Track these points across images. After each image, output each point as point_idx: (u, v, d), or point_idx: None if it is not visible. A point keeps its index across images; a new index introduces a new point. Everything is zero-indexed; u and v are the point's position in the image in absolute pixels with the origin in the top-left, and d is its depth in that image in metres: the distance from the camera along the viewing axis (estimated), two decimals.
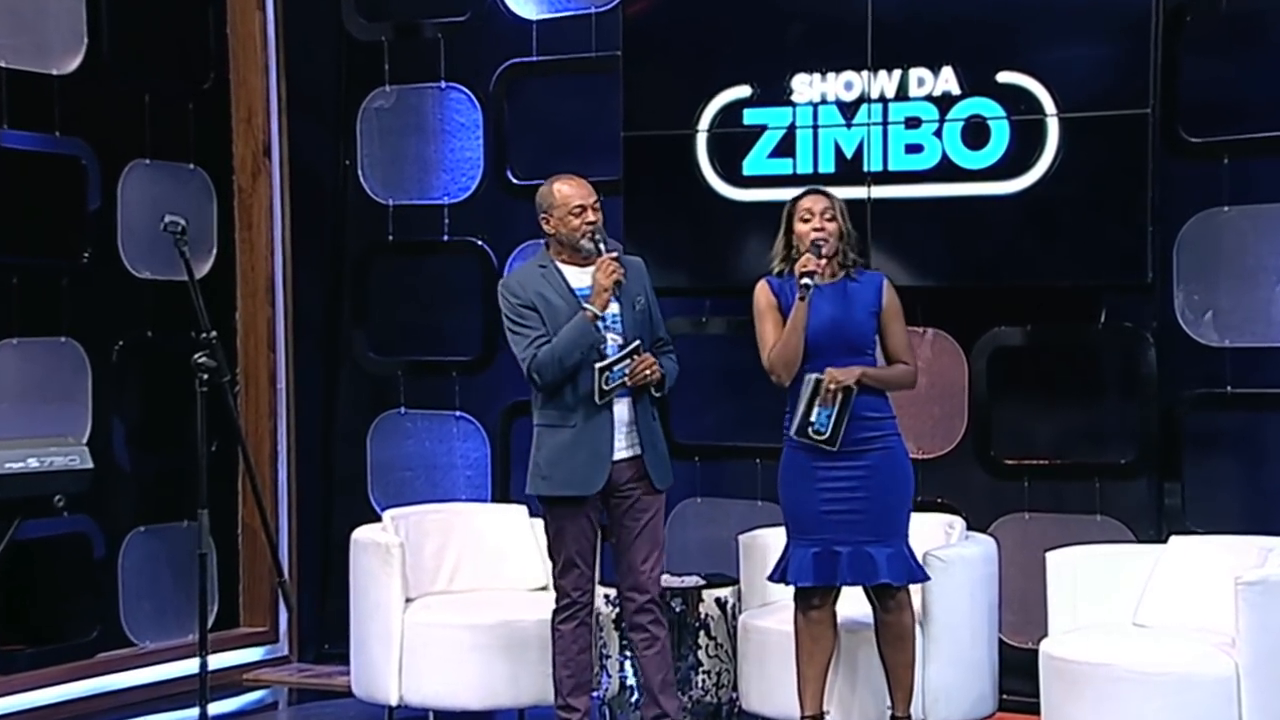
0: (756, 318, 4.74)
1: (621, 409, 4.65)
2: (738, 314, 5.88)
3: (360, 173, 6.50)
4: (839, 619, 4.82)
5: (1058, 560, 5.08)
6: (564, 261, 4.69)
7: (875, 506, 4.62)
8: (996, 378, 5.69)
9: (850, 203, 4.96)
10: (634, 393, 4.65)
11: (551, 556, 4.76)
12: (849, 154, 5.56)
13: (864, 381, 4.60)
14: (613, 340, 4.65)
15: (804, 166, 5.61)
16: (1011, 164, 5.36)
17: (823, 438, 4.56)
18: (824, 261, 4.62)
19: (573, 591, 4.73)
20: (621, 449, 4.66)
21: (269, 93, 6.43)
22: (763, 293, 4.74)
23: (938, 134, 5.45)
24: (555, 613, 4.80)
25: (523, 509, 5.79)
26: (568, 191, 4.66)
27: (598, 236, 4.64)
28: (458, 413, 6.43)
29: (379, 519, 5.66)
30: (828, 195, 4.73)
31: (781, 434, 4.73)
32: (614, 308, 4.65)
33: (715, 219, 5.75)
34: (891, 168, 5.50)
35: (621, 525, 4.73)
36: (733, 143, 5.70)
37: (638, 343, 4.63)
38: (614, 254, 4.60)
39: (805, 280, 4.56)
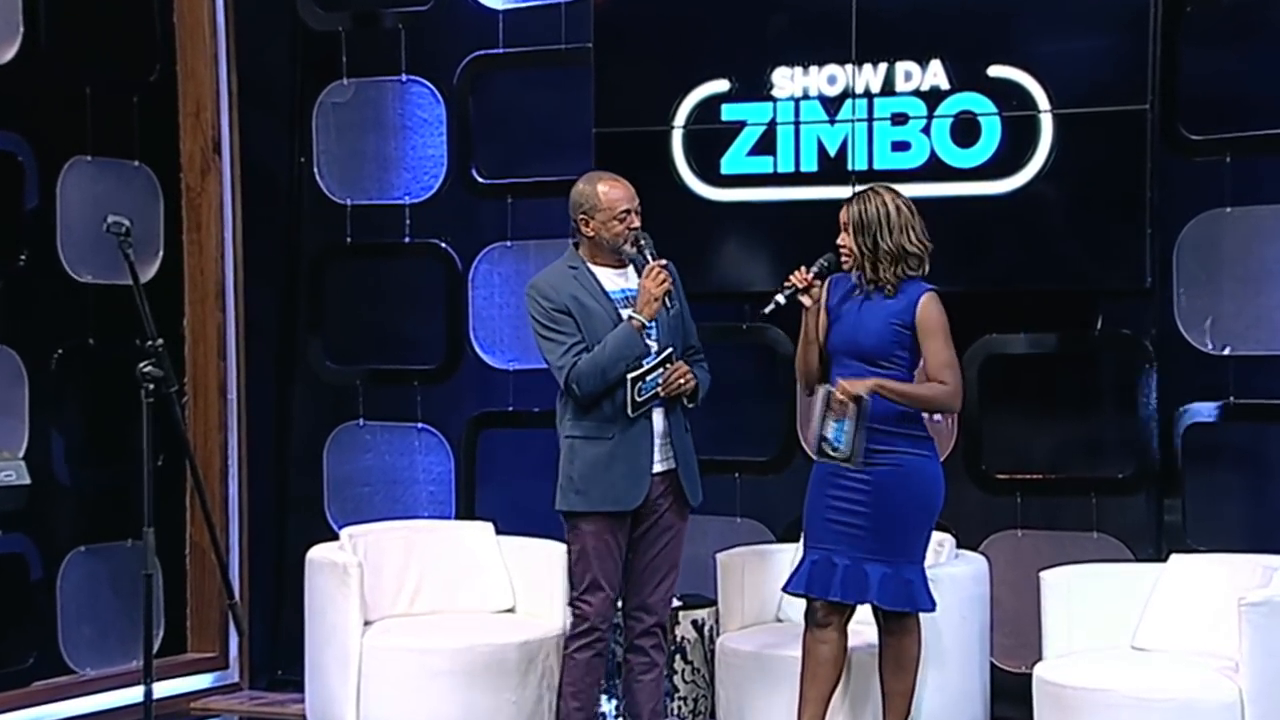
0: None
1: (657, 421, 4.66)
2: (716, 321, 5.90)
3: (316, 171, 6.47)
4: (851, 642, 4.82)
5: (1052, 580, 5.08)
6: (597, 264, 4.69)
7: (878, 523, 4.62)
8: (988, 387, 5.70)
9: (833, 204, 4.96)
10: (667, 404, 4.66)
11: (572, 578, 4.73)
12: (832, 152, 5.58)
13: (883, 394, 4.59)
14: (649, 345, 4.66)
15: (785, 165, 5.64)
16: (1003, 163, 5.38)
17: (840, 455, 4.54)
18: (811, 275, 4.61)
19: (594, 617, 4.69)
20: (658, 463, 4.67)
21: (219, 85, 6.39)
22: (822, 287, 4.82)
23: (925, 131, 5.46)
24: (571, 638, 4.76)
25: (488, 526, 5.79)
26: (614, 195, 4.65)
27: (642, 242, 4.65)
28: (420, 424, 6.42)
29: (336, 537, 5.65)
30: (851, 205, 4.69)
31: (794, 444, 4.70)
32: None
33: (692, 220, 5.75)
34: (877, 166, 5.50)
35: (642, 541, 4.72)
36: (710, 140, 5.71)
37: (670, 350, 4.65)
38: (664, 262, 4.60)
39: (777, 295, 4.59)
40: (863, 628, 4.85)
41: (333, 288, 6.54)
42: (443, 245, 6.38)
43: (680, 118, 5.74)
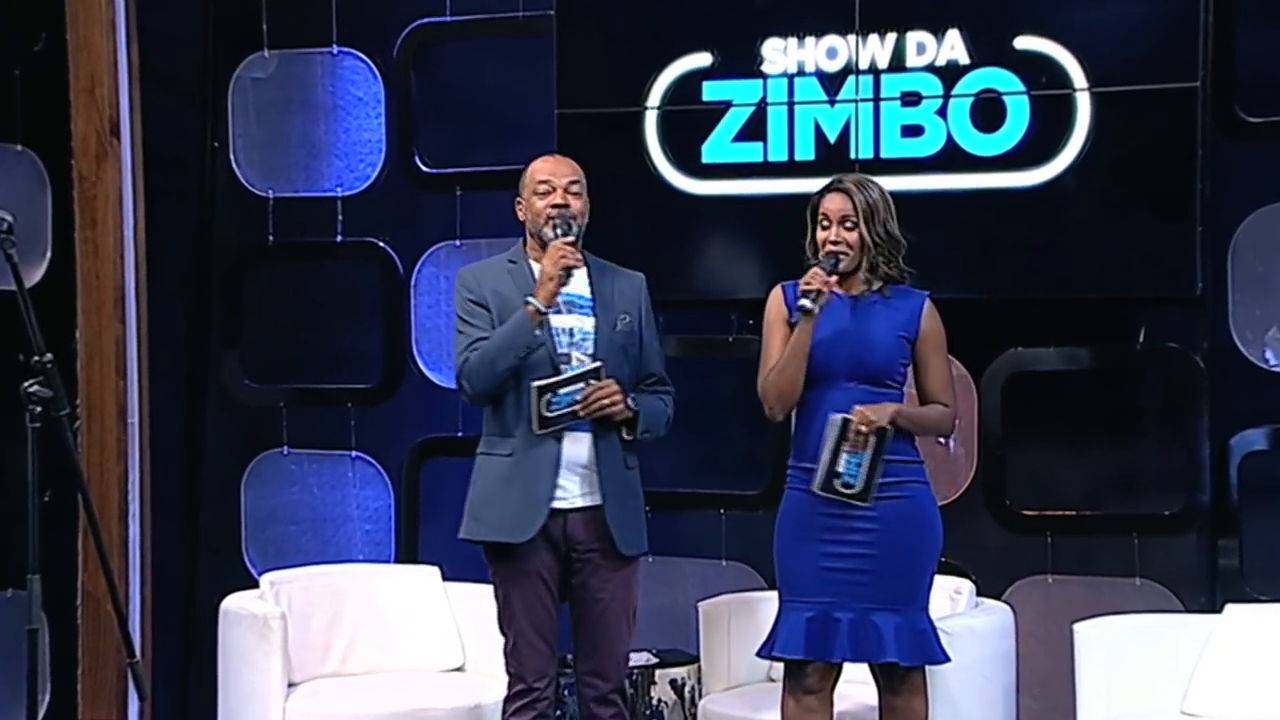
0: (764, 331, 4.73)
1: (579, 448, 4.63)
2: (696, 332, 6.06)
3: (233, 158, 6.49)
4: (840, 706, 4.79)
5: (1088, 634, 5.08)
6: (538, 260, 4.68)
7: (887, 566, 4.59)
8: (1012, 410, 5.72)
9: None
10: (596, 429, 4.62)
11: (501, 629, 4.74)
12: (832, 137, 5.60)
13: (898, 423, 4.58)
14: (578, 360, 4.64)
15: (777, 152, 5.65)
16: (1032, 150, 5.39)
17: (853, 491, 4.53)
18: (834, 278, 4.62)
19: (529, 675, 4.66)
20: (573, 496, 4.64)
21: (117, 57, 6.23)
22: (774, 302, 4.74)
23: (941, 113, 5.48)
24: (507, 700, 4.73)
25: (434, 571, 5.77)
26: (537, 166, 4.73)
27: (555, 219, 4.63)
28: (354, 453, 6.44)
29: (255, 584, 5.63)
30: (852, 193, 4.65)
31: (785, 476, 4.72)
32: (587, 322, 4.66)
33: (668, 216, 5.76)
34: (884, 154, 5.53)
35: (582, 592, 4.70)
36: (689, 123, 5.72)
37: (599, 365, 4.62)
38: (570, 239, 4.59)
39: (804, 301, 4.55)
40: (852, 688, 4.84)
41: (252, 294, 6.53)
42: (381, 244, 6.39)
43: (655, 97, 5.75)
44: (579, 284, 4.68)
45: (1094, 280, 5.42)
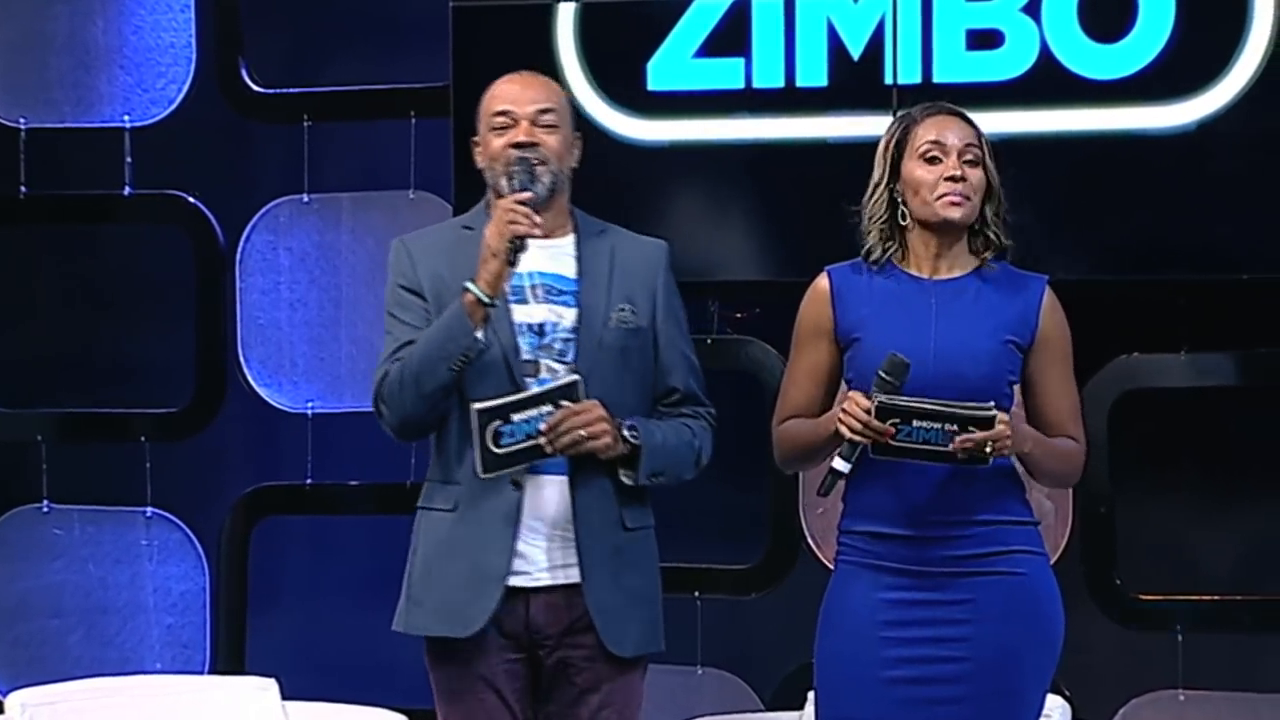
0: (793, 342, 4.55)
1: (547, 493, 4.47)
2: None
3: None
4: None
5: None
6: None
7: (989, 676, 4.35)
8: (1125, 444, 5.73)
9: (858, 146, 4.79)
10: (574, 470, 4.44)
11: None
12: (856, 52, 5.66)
13: (1028, 455, 4.38)
14: (549, 371, 4.48)
15: (766, 75, 5.73)
16: (1174, 71, 5.41)
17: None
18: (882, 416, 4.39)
19: None
20: (537, 569, 4.47)
21: None
22: (813, 300, 4.52)
23: (1032, 10, 5.48)
24: None
25: (269, 685, 5.54)
26: (496, 90, 4.59)
27: (514, 168, 4.46)
28: (150, 509, 6.44)
29: (0, 709, 5.39)
30: (966, 117, 4.43)
31: (804, 543, 4.69)
32: (568, 315, 4.50)
33: (605, 168, 5.61)
34: (940, 78, 5.57)
35: (553, 709, 4.54)
36: (628, 26, 5.80)
37: (574, 379, 4.43)
38: (527, 193, 4.43)
39: (836, 462, 4.31)
40: None
41: None
42: (191, 200, 6.42)
43: None
44: (561, 258, 4.57)
45: (1251, 257, 5.48)
